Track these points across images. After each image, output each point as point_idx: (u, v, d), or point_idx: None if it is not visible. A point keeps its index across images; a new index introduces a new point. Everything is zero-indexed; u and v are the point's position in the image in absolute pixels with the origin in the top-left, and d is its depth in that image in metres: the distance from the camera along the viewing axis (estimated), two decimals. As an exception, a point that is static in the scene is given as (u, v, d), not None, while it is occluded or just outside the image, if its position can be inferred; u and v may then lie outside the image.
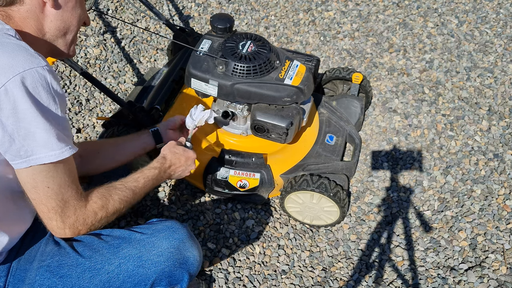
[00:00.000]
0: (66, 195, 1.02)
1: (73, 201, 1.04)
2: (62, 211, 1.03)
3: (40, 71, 0.90)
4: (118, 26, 2.56)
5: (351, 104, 1.99)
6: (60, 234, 1.08)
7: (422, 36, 2.60)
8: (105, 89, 1.68)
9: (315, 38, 2.63)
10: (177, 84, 1.99)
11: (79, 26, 1.10)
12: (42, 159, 0.94)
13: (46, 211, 1.02)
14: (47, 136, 0.93)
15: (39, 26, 1.02)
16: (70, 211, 1.04)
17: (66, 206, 1.03)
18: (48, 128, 0.92)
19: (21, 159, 0.93)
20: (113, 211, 1.14)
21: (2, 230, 1.10)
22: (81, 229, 1.09)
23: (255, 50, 1.58)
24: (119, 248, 1.18)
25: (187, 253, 1.22)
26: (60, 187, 1.00)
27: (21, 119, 0.89)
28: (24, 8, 0.98)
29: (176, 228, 1.24)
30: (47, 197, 0.99)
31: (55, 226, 1.05)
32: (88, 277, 1.14)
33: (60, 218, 1.03)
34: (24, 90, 0.88)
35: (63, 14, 1.04)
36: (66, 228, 1.06)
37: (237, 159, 1.75)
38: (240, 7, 2.79)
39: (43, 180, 0.97)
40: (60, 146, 0.95)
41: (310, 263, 1.78)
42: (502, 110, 2.24)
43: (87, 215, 1.08)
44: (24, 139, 0.91)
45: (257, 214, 1.90)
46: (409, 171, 2.05)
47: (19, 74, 0.87)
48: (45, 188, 0.98)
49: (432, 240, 1.82)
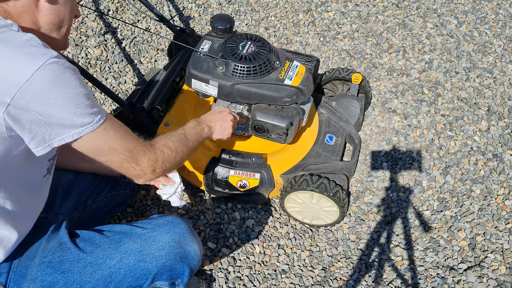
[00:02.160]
0: (128, 144, 1.09)
1: (138, 147, 1.12)
2: (132, 158, 1.11)
3: (57, 60, 0.93)
4: (118, 26, 2.56)
5: (351, 104, 2.00)
6: (142, 177, 1.17)
7: (421, 36, 2.61)
8: (105, 90, 1.69)
9: (315, 39, 2.64)
10: (177, 84, 2.00)
11: (71, 19, 1.12)
12: (89, 127, 0.99)
13: (120, 165, 1.11)
14: (85, 110, 0.97)
15: (34, 20, 1.04)
16: (140, 155, 1.12)
17: (134, 153, 1.11)
18: (82, 104, 0.97)
19: (74, 129, 0.98)
20: (175, 149, 1.23)
21: (13, 227, 1.11)
22: (156, 166, 1.17)
23: (255, 50, 1.59)
24: (120, 243, 1.19)
25: (187, 247, 1.23)
26: (118, 141, 1.07)
27: (54, 103, 0.93)
28: (20, 3, 1.00)
29: (176, 222, 1.25)
30: (114, 154, 1.08)
31: (134, 173, 1.14)
32: (90, 272, 1.15)
33: (135, 164, 1.12)
34: (51, 79, 0.91)
35: (57, 8, 1.05)
36: (144, 170, 1.14)
37: (237, 159, 1.76)
38: (240, 8, 2.80)
39: (100, 143, 1.04)
40: (96, 112, 1.00)
41: (310, 263, 1.78)
42: (501, 111, 2.24)
43: (157, 153, 1.17)
44: (68, 115, 0.96)
45: (257, 214, 1.90)
46: (409, 171, 2.06)
47: (41, 66, 0.90)
48: (107, 148, 1.06)
49: (431, 240, 1.83)
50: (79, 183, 1.53)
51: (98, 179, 1.60)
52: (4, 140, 0.96)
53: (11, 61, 0.89)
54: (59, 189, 1.45)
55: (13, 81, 0.89)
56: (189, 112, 1.92)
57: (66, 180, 1.50)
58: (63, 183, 1.48)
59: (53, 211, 1.36)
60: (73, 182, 1.51)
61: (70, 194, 1.48)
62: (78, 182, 1.53)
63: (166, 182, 1.52)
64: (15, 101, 0.90)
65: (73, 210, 1.47)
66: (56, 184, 1.44)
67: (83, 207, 1.54)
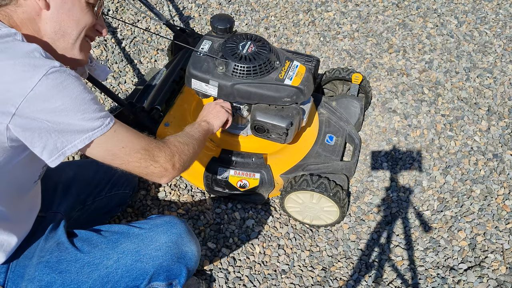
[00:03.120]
0: (142, 143, 1.08)
1: (152, 144, 1.11)
2: (149, 156, 1.09)
3: (59, 68, 0.93)
4: (118, 26, 2.56)
5: (351, 104, 2.00)
6: (164, 175, 1.13)
7: (421, 36, 2.61)
8: (105, 90, 1.68)
9: (315, 39, 2.64)
10: (177, 84, 2.00)
11: (80, 31, 1.08)
12: (99, 130, 0.98)
13: (139, 165, 1.08)
14: (93, 114, 0.97)
15: (36, 28, 1.03)
16: (156, 151, 1.11)
17: (150, 150, 1.09)
18: (89, 109, 0.96)
19: (85, 134, 0.97)
20: (185, 142, 1.23)
21: (11, 231, 1.11)
22: (175, 161, 1.15)
23: (255, 50, 1.58)
24: (118, 243, 1.19)
25: (185, 248, 1.23)
26: (131, 141, 1.06)
27: (61, 110, 0.93)
28: (20, 10, 0.99)
29: (174, 223, 1.25)
30: (130, 154, 1.06)
31: (156, 171, 1.11)
32: (87, 272, 1.15)
33: (153, 161, 1.10)
34: (54, 87, 0.91)
35: (58, 16, 1.03)
36: (164, 166, 1.12)
37: (237, 159, 1.76)
38: (240, 7, 2.80)
39: (114, 146, 1.03)
40: (105, 115, 1.00)
41: (310, 263, 1.78)
42: (502, 111, 2.24)
43: (171, 148, 1.16)
44: (77, 121, 0.95)
45: (257, 214, 1.90)
46: (409, 171, 2.05)
47: (44, 75, 0.90)
48: (121, 149, 1.04)
49: (431, 240, 1.83)
50: (78, 182, 1.53)
51: (97, 178, 1.59)
52: (4, 150, 0.96)
53: (14, 72, 0.89)
54: (58, 188, 1.45)
55: (17, 92, 0.88)
56: (189, 112, 1.92)
57: (66, 178, 1.50)
58: (63, 181, 1.48)
59: (52, 209, 1.36)
60: (72, 181, 1.51)
61: (69, 192, 1.48)
62: (78, 181, 1.52)
63: None
64: (20, 111, 0.89)
65: (71, 209, 1.47)
66: (55, 182, 1.44)
67: (82, 207, 1.54)
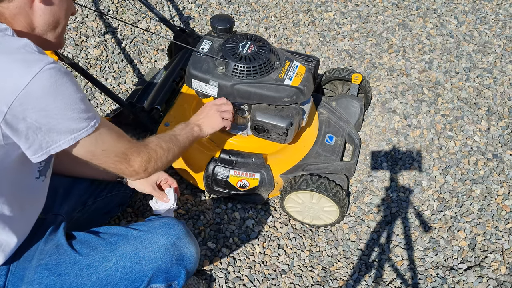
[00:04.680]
0: (122, 147, 1.11)
1: (132, 148, 1.14)
2: (126, 160, 1.13)
3: (53, 66, 0.92)
4: (118, 26, 2.56)
5: (351, 104, 2.00)
6: (134, 176, 1.18)
7: (421, 36, 2.61)
8: (105, 90, 1.69)
9: (315, 39, 2.64)
10: (177, 84, 2.00)
11: (67, 18, 1.10)
12: (84, 131, 0.99)
13: (114, 166, 1.12)
14: (80, 115, 0.98)
15: (29, 21, 1.02)
16: (134, 156, 1.14)
17: (128, 154, 1.13)
18: (78, 109, 0.97)
19: (71, 135, 0.98)
20: (167, 148, 1.26)
21: (12, 231, 1.11)
22: (149, 166, 1.19)
23: (255, 50, 1.59)
24: (116, 245, 1.19)
25: (184, 250, 1.23)
26: (112, 144, 1.08)
27: (51, 110, 0.93)
28: (13, 5, 0.98)
29: (172, 224, 1.25)
30: (108, 157, 1.09)
31: (127, 172, 1.16)
32: (86, 275, 1.15)
33: (128, 165, 1.14)
34: (47, 86, 0.90)
35: (52, 8, 1.03)
36: (136, 170, 1.16)
37: (237, 159, 1.76)
38: (240, 8, 2.80)
39: (96, 147, 1.05)
40: (92, 116, 1.01)
41: (309, 263, 1.78)
42: (501, 111, 2.24)
43: (150, 153, 1.19)
44: (64, 121, 0.96)
45: (257, 214, 1.90)
46: (409, 171, 2.06)
47: (38, 73, 0.89)
48: (101, 151, 1.06)
49: (431, 240, 1.83)
50: (79, 184, 1.53)
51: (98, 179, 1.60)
52: (0, 148, 0.96)
53: (6, 68, 0.88)
54: (59, 190, 1.45)
55: (10, 89, 0.87)
56: (189, 112, 1.92)
57: (67, 181, 1.50)
58: (64, 184, 1.48)
59: (53, 212, 1.36)
60: (73, 183, 1.51)
61: (70, 194, 1.48)
62: (79, 183, 1.53)
63: (161, 198, 1.55)
64: (12, 110, 0.88)
65: (72, 210, 1.47)
66: (56, 185, 1.44)
67: (82, 208, 1.54)
